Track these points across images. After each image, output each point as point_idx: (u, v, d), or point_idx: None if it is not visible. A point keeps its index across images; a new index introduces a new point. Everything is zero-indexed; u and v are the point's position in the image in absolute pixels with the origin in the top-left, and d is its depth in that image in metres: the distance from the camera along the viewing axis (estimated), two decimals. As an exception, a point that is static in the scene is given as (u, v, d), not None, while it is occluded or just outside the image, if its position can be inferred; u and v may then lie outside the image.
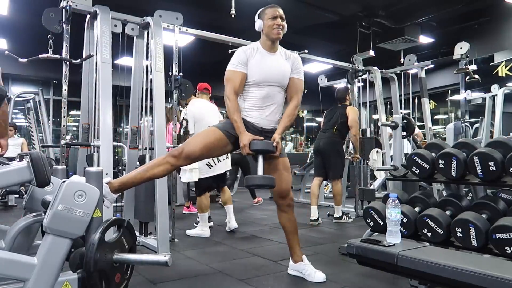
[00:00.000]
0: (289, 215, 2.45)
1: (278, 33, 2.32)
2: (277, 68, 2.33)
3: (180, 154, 2.23)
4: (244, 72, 2.28)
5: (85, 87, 3.26)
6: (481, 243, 1.96)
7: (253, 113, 2.34)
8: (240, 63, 2.29)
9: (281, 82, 2.35)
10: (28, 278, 1.36)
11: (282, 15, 2.35)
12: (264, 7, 2.42)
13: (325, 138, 4.50)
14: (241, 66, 2.28)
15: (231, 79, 2.29)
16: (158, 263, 1.59)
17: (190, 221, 4.56)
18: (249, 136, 2.20)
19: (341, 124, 4.44)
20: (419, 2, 6.40)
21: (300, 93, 2.41)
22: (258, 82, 2.30)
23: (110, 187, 2.13)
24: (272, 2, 2.50)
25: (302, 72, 2.45)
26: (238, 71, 2.28)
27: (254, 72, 2.29)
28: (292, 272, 2.49)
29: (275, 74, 2.32)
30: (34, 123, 7.71)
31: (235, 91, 2.28)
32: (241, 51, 2.34)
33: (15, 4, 5.93)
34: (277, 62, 2.34)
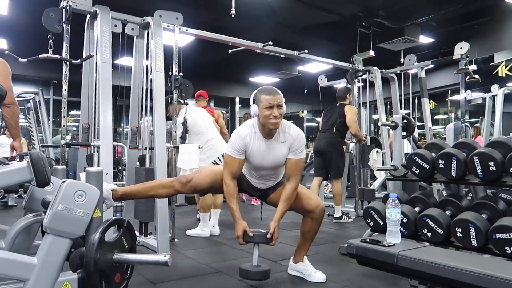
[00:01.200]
0: (314, 225, 2.39)
1: (275, 124, 2.18)
2: (274, 156, 2.28)
3: (188, 182, 2.32)
4: (242, 158, 2.27)
5: (85, 87, 3.26)
6: (481, 243, 1.96)
7: (252, 178, 2.42)
8: (238, 151, 2.25)
9: (278, 165, 2.35)
10: (28, 278, 1.36)
11: (279, 103, 2.17)
12: (260, 91, 2.23)
13: (325, 138, 4.50)
14: (239, 153, 2.25)
15: (229, 164, 2.27)
16: (158, 263, 1.59)
17: (190, 221, 4.56)
18: (243, 226, 2.20)
19: (341, 124, 4.44)
20: (419, 2, 6.40)
21: (299, 172, 2.33)
22: (255, 166, 2.33)
23: (113, 194, 2.20)
24: (273, 4, 2.49)
25: (303, 150, 2.33)
26: (236, 158, 2.25)
27: (251, 158, 2.29)
28: (292, 272, 2.49)
29: (272, 162, 2.30)
30: (34, 123, 7.71)
31: (233, 175, 2.28)
32: (239, 138, 2.25)
33: (15, 4, 5.92)
34: (275, 150, 2.27)
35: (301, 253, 2.47)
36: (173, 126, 3.44)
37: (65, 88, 2.94)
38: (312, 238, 2.46)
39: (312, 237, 2.45)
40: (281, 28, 7.33)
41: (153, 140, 3.01)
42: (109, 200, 2.19)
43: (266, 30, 7.24)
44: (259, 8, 6.13)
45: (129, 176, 3.46)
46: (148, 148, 3.29)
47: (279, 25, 7.21)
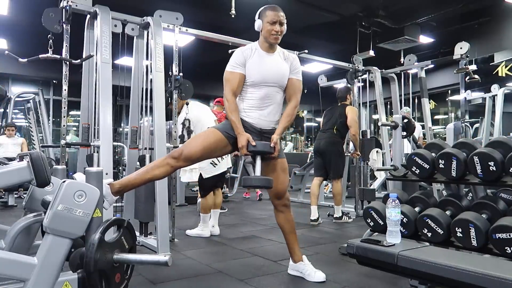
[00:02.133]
0: (286, 215, 2.44)
1: (276, 39, 2.31)
2: (275, 68, 2.32)
3: (180, 155, 2.24)
4: (242, 73, 2.28)
5: (85, 87, 3.26)
6: (481, 243, 1.96)
7: (251, 113, 2.33)
8: (238, 64, 2.28)
9: (280, 83, 2.35)
10: (28, 278, 1.36)
11: (281, 20, 2.31)
12: (266, 7, 2.38)
13: (326, 138, 4.50)
14: (239, 67, 2.28)
15: (229, 80, 2.29)
16: (158, 263, 1.59)
17: (190, 221, 4.56)
18: (247, 137, 2.20)
19: (341, 124, 4.44)
20: (419, 2, 6.41)
21: (299, 93, 2.41)
22: (256, 82, 2.30)
23: (111, 188, 2.14)
24: (272, 2, 2.50)
25: (301, 72, 2.45)
26: (236, 72, 2.28)
27: (252, 72, 2.29)
28: (292, 272, 2.49)
29: (273, 75, 2.32)
30: (34, 123, 7.71)
31: (233, 92, 2.28)
32: (239, 52, 2.33)
33: (15, 4, 5.93)
34: (275, 63, 2.34)
35: (295, 249, 2.47)
36: (173, 126, 3.44)
37: (65, 88, 2.94)
38: (293, 228, 2.47)
39: (293, 227, 2.46)
40: (281, 28, 7.33)
41: (153, 140, 3.00)
42: (109, 196, 2.12)
43: (266, 30, 7.23)
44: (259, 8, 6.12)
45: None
46: (148, 148, 3.29)
47: (279, 25, 7.20)
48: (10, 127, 6.29)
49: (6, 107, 7.22)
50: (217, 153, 2.39)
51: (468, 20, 7.26)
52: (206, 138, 2.31)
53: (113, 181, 2.21)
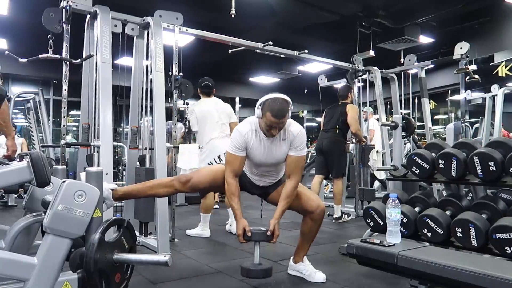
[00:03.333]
0: (314, 226, 2.39)
1: (273, 136, 2.24)
2: (274, 153, 2.29)
3: (187, 182, 2.31)
4: (243, 156, 2.28)
5: (85, 87, 3.26)
6: (481, 243, 1.96)
7: (252, 174, 2.42)
8: (239, 148, 2.27)
9: (279, 162, 2.35)
10: (28, 278, 1.36)
11: (280, 126, 2.19)
12: (269, 106, 2.14)
13: (328, 137, 4.50)
14: (240, 150, 2.27)
15: (230, 162, 2.28)
16: (158, 263, 1.59)
17: (190, 221, 4.56)
18: (243, 225, 2.19)
19: (342, 123, 4.44)
20: (419, 2, 6.40)
21: (300, 170, 2.34)
22: (256, 162, 2.34)
23: (113, 194, 2.20)
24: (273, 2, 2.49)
25: (304, 148, 2.33)
26: (238, 156, 2.27)
27: (252, 155, 2.30)
28: (292, 272, 2.49)
29: (273, 159, 2.31)
30: (34, 123, 7.71)
31: (235, 173, 2.29)
32: (239, 136, 2.26)
33: (15, 4, 5.93)
34: (275, 147, 2.28)
35: (301, 253, 2.47)
36: (173, 126, 3.44)
37: (65, 88, 2.94)
38: (312, 239, 2.46)
39: (312, 238, 2.45)
40: (281, 28, 7.33)
41: (153, 140, 3.00)
42: (109, 200, 2.19)
43: (266, 30, 7.24)
44: (259, 8, 6.13)
45: (129, 176, 3.46)
46: (148, 148, 3.29)
47: (279, 25, 7.21)
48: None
49: (6, 107, 7.20)
50: (223, 188, 2.37)
51: (468, 20, 7.26)
52: (216, 173, 2.37)
53: (117, 187, 2.27)
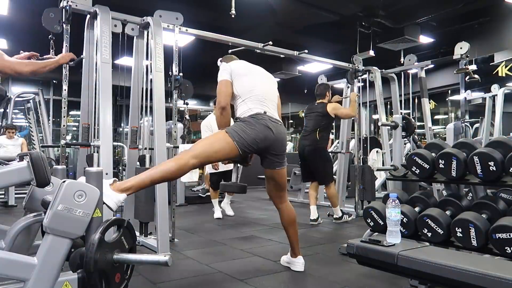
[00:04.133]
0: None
1: None
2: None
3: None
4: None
5: (85, 87, 3.26)
6: (481, 243, 1.96)
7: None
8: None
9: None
10: (28, 278, 1.36)
11: None
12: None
13: (309, 145, 4.32)
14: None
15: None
16: (158, 263, 1.59)
17: (190, 221, 4.57)
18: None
19: (323, 127, 4.32)
20: (419, 2, 6.41)
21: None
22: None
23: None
24: (273, 3, 2.50)
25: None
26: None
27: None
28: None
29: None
30: (34, 123, 7.71)
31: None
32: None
33: (15, 4, 5.93)
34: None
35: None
36: (173, 126, 3.44)
37: (65, 88, 2.94)
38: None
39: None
40: (281, 28, 7.33)
41: (153, 140, 3.00)
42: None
43: (266, 30, 7.24)
44: (259, 8, 6.13)
45: (129, 176, 3.46)
46: (148, 148, 3.29)
47: (279, 25, 7.21)
48: (10, 129, 6.30)
49: (6, 107, 7.21)
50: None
51: (468, 20, 7.26)
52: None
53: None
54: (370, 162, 5.52)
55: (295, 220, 2.58)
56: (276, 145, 2.35)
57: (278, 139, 2.35)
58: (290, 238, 2.58)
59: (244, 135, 2.23)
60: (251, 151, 2.33)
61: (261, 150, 2.35)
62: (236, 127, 2.28)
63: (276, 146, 2.36)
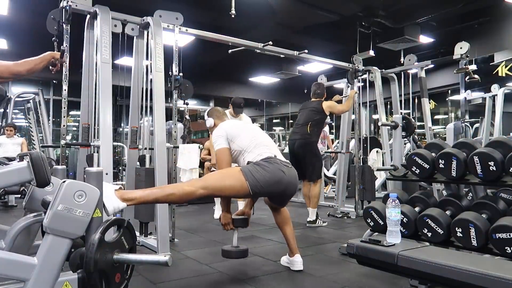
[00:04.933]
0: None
1: None
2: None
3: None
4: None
5: (85, 87, 3.26)
6: (481, 243, 1.96)
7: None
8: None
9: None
10: (28, 278, 1.36)
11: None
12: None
13: (299, 139, 4.25)
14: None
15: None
16: (158, 263, 1.59)
17: (190, 221, 4.56)
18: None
19: (316, 122, 4.26)
20: (419, 2, 6.40)
21: None
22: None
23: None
24: (273, 3, 2.50)
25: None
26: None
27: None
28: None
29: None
30: (34, 123, 7.71)
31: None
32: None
33: (15, 4, 5.92)
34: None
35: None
36: (173, 126, 3.44)
37: (65, 88, 2.94)
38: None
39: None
40: (281, 28, 7.33)
41: (153, 140, 3.00)
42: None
43: (266, 30, 7.24)
44: (259, 8, 6.13)
45: (129, 176, 3.46)
46: (148, 148, 3.29)
47: (279, 25, 7.21)
48: (9, 127, 6.30)
49: (6, 107, 7.22)
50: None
51: (468, 20, 7.26)
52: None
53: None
54: (370, 162, 5.52)
55: (289, 219, 2.63)
56: (289, 188, 2.40)
57: (291, 182, 2.39)
58: (286, 238, 2.61)
59: (258, 176, 2.24)
60: (263, 193, 2.36)
61: (273, 194, 2.42)
62: (251, 167, 2.29)
63: (290, 189, 2.41)
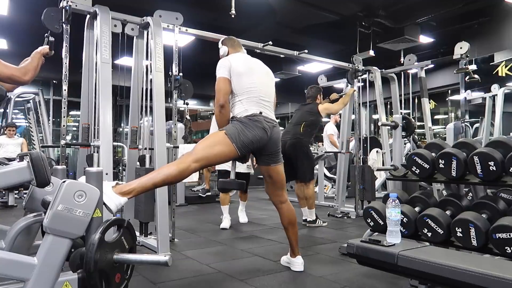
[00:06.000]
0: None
1: None
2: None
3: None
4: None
5: (85, 87, 3.26)
6: (481, 243, 1.96)
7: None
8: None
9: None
10: (28, 278, 1.36)
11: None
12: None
13: (290, 138, 4.17)
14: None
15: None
16: (158, 263, 1.59)
17: (190, 221, 4.57)
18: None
19: (310, 122, 4.22)
20: (419, 2, 6.40)
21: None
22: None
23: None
24: (273, 2, 2.50)
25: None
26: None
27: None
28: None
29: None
30: (34, 123, 7.72)
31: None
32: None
33: (15, 4, 5.93)
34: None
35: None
36: (173, 126, 3.44)
37: (65, 88, 2.94)
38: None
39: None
40: (281, 28, 7.33)
41: (153, 140, 3.00)
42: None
43: (266, 30, 7.24)
44: (259, 8, 6.13)
45: (129, 176, 3.46)
46: (148, 148, 3.29)
47: (279, 25, 7.21)
48: (10, 127, 6.30)
49: (6, 107, 7.22)
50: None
51: (468, 20, 7.26)
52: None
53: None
54: (370, 162, 5.52)
55: (295, 220, 2.58)
56: (270, 145, 2.41)
57: (272, 139, 2.40)
58: (289, 238, 2.58)
59: (243, 136, 2.28)
60: (248, 151, 2.39)
61: (256, 149, 2.41)
62: (235, 127, 2.31)
63: (270, 146, 2.41)
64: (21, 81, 2.15)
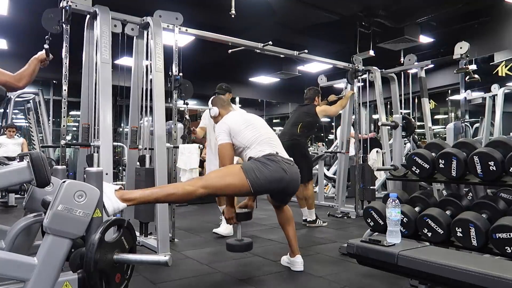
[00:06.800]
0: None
1: None
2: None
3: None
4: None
5: (85, 87, 3.26)
6: (481, 243, 1.96)
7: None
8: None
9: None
10: (28, 278, 1.36)
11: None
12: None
13: (288, 140, 4.07)
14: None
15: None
16: (158, 263, 1.59)
17: (190, 221, 4.56)
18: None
19: (307, 123, 4.21)
20: (419, 2, 6.40)
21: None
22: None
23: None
24: (273, 2, 2.50)
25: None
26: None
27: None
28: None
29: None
30: (34, 123, 7.72)
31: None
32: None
33: (15, 4, 5.92)
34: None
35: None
36: (173, 126, 3.44)
37: (65, 88, 2.94)
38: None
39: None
40: (281, 28, 7.33)
41: (153, 140, 3.00)
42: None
43: (266, 30, 7.24)
44: (259, 8, 6.13)
45: (129, 176, 3.46)
46: (148, 148, 3.29)
47: (279, 25, 7.21)
48: (10, 128, 6.30)
49: (6, 107, 7.23)
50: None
51: (468, 20, 7.26)
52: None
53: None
54: (370, 162, 5.51)
55: (292, 218, 2.62)
56: (291, 185, 2.39)
57: (293, 180, 2.38)
58: (288, 237, 2.60)
59: (259, 174, 2.23)
60: (264, 191, 2.35)
61: (274, 192, 2.41)
62: (252, 164, 2.28)
63: (291, 186, 2.39)
64: (16, 88, 2.22)
